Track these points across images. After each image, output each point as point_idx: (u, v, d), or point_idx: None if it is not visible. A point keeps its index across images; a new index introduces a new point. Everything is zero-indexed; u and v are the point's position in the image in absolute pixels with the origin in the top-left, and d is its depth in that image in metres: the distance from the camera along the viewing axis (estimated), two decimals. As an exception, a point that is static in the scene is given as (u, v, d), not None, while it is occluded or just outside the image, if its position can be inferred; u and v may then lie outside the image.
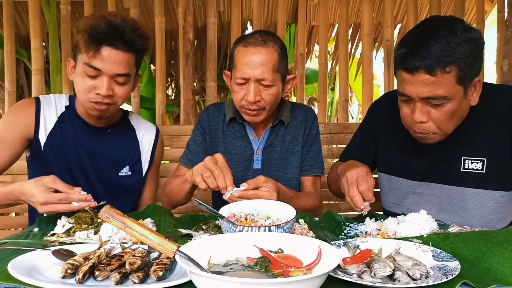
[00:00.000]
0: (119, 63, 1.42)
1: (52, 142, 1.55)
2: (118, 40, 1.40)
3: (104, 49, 1.39)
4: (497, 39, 2.87)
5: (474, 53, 1.25)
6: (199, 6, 3.73)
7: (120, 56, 1.41)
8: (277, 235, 0.88)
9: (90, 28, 1.38)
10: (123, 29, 1.41)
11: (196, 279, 0.67)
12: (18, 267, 0.83)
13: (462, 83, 1.27)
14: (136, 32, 1.43)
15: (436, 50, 1.23)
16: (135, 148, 1.69)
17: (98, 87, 1.42)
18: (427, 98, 1.28)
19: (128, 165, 1.66)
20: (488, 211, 1.39)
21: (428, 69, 1.24)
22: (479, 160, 1.39)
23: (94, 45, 1.38)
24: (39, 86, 2.76)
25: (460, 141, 1.42)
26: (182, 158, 1.71)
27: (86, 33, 1.38)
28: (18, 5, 3.58)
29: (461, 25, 1.26)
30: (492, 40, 3.01)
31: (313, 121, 1.71)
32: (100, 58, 1.39)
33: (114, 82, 1.45)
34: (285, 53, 1.55)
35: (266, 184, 1.24)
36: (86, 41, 1.38)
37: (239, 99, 1.52)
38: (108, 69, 1.40)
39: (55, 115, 1.57)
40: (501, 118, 1.38)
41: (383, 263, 0.82)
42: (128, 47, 1.43)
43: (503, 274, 0.85)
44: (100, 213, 0.85)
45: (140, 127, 1.73)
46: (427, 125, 1.34)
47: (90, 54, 1.38)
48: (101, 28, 1.38)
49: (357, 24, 4.01)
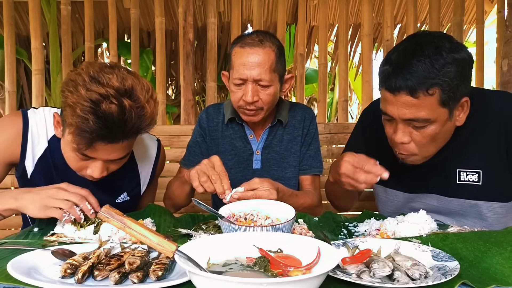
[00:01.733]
0: (116, 151, 1.21)
1: (40, 170, 1.36)
2: (116, 135, 1.15)
3: (98, 144, 1.16)
4: (497, 39, 2.87)
5: (460, 75, 1.19)
6: (199, 6, 3.74)
7: (117, 147, 1.19)
8: (276, 235, 0.88)
9: (79, 128, 1.11)
10: (124, 124, 1.13)
11: (195, 279, 0.67)
12: (18, 267, 0.82)
13: (446, 106, 1.21)
14: (140, 120, 1.16)
15: (419, 71, 1.17)
16: (133, 172, 1.54)
17: (92, 170, 1.23)
18: (409, 120, 1.24)
19: (126, 191, 1.52)
20: (489, 222, 1.36)
21: (410, 90, 1.18)
22: (475, 172, 1.35)
23: (85, 143, 1.14)
24: (39, 86, 2.77)
25: (454, 153, 1.37)
26: (183, 160, 1.71)
27: (76, 130, 1.12)
28: (18, 5, 3.59)
29: (448, 43, 1.20)
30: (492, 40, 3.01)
31: (311, 120, 1.70)
32: (93, 151, 1.18)
33: (109, 163, 1.26)
34: (282, 53, 1.55)
35: (262, 185, 1.23)
36: (75, 136, 1.14)
37: (237, 99, 1.52)
38: (103, 157, 1.21)
39: (45, 139, 1.36)
40: (496, 127, 1.33)
41: (382, 263, 0.82)
42: (129, 137, 1.20)
43: (502, 274, 0.85)
44: (100, 213, 0.85)
45: (139, 149, 1.55)
46: (408, 146, 1.29)
47: (81, 149, 1.17)
48: (93, 130, 1.11)
49: (357, 24, 4.01)
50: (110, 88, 1.11)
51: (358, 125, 1.72)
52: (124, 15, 3.65)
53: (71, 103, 1.11)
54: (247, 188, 1.22)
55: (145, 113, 1.17)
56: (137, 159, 1.55)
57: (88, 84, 1.12)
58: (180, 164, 1.73)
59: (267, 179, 1.27)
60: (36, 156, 1.36)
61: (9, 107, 2.81)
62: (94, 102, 1.10)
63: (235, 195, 1.19)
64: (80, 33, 4.06)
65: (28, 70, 3.98)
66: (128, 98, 1.13)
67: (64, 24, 2.83)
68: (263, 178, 1.27)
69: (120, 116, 1.11)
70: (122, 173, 1.41)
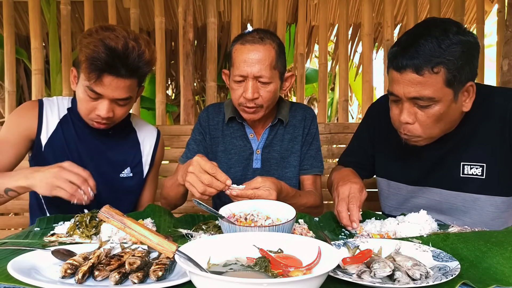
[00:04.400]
0: (121, 89, 1.41)
1: (53, 143, 1.56)
2: (120, 68, 1.37)
3: (106, 77, 1.37)
4: (497, 39, 2.87)
5: (465, 56, 1.22)
6: (199, 6, 3.74)
7: (121, 83, 1.40)
8: (276, 235, 0.88)
9: (91, 57, 1.34)
10: (126, 57, 1.37)
11: (195, 279, 0.67)
12: (18, 267, 0.82)
13: (451, 86, 1.23)
14: (140, 58, 1.40)
15: (426, 50, 1.21)
16: (136, 149, 1.70)
17: (99, 109, 1.43)
18: (414, 99, 1.26)
19: (129, 167, 1.66)
20: (489, 217, 1.37)
21: (416, 68, 1.22)
22: (479, 165, 1.37)
23: (95, 73, 1.36)
24: (39, 86, 2.76)
25: (459, 146, 1.39)
26: (182, 157, 1.71)
27: (88, 61, 1.35)
28: (18, 5, 3.59)
29: (455, 27, 1.23)
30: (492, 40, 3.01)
31: (312, 120, 1.71)
32: (101, 85, 1.38)
33: (115, 104, 1.45)
34: (282, 51, 1.55)
35: (264, 184, 1.23)
36: (87, 68, 1.36)
37: (237, 96, 1.52)
38: (109, 94, 1.40)
39: (57, 117, 1.59)
40: (500, 122, 1.35)
41: (383, 263, 0.82)
42: (131, 74, 1.41)
43: (503, 274, 0.85)
44: (100, 213, 0.85)
45: (141, 129, 1.73)
46: (413, 126, 1.31)
47: (91, 81, 1.37)
48: (102, 58, 1.34)
49: (357, 24, 4.01)
50: (118, 33, 1.38)
51: (363, 120, 1.75)
52: (124, 15, 3.64)
53: (85, 43, 1.36)
54: (248, 187, 1.22)
55: (144, 55, 1.41)
56: (139, 137, 1.72)
57: (99, 30, 1.39)
58: (179, 161, 1.73)
59: (270, 178, 1.27)
60: (49, 131, 1.57)
61: (9, 107, 2.81)
62: (104, 39, 1.35)
63: (234, 192, 1.19)
64: (80, 33, 4.05)
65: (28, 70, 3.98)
66: (132, 40, 1.39)
67: (64, 24, 2.83)
68: (267, 177, 1.27)
69: (124, 50, 1.36)
70: (125, 149, 1.66)
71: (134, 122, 1.73)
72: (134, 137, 1.71)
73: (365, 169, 1.68)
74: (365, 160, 1.68)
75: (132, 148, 1.69)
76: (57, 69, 3.25)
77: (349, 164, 1.69)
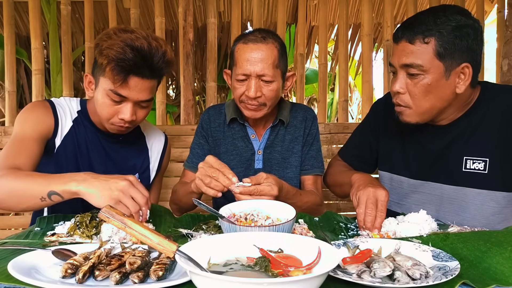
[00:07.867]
0: (145, 90, 1.41)
1: (66, 145, 1.53)
2: (146, 69, 1.37)
3: (132, 79, 1.36)
4: (497, 39, 2.87)
5: (459, 32, 1.27)
6: (199, 6, 3.74)
7: (146, 84, 1.40)
8: (277, 235, 0.88)
9: (118, 58, 1.32)
10: (151, 58, 1.37)
11: (196, 279, 0.67)
12: (18, 267, 0.83)
13: (442, 59, 1.29)
14: (164, 59, 1.40)
15: (421, 22, 1.30)
16: (145, 155, 1.69)
17: (123, 113, 1.41)
18: (405, 66, 1.32)
19: (138, 173, 1.65)
20: (490, 212, 1.38)
21: (409, 38, 1.31)
22: (481, 160, 1.38)
23: (121, 75, 1.34)
24: (39, 86, 2.76)
25: (462, 140, 1.41)
26: (187, 162, 1.72)
27: (114, 63, 1.33)
28: (18, 5, 3.59)
29: (458, 9, 1.32)
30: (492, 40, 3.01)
31: (313, 121, 1.71)
32: (126, 87, 1.37)
33: (137, 106, 1.44)
34: (284, 50, 1.56)
35: (267, 180, 1.25)
36: (113, 70, 1.34)
37: (239, 94, 1.53)
38: (134, 96, 1.39)
39: (70, 119, 1.56)
40: (504, 118, 1.36)
41: (383, 263, 0.82)
42: (154, 74, 1.41)
43: (502, 274, 0.85)
44: (100, 213, 0.85)
45: (150, 135, 1.73)
46: (404, 96, 1.37)
47: (117, 84, 1.36)
48: (129, 59, 1.33)
49: (357, 24, 4.01)
50: (138, 34, 1.37)
51: (367, 116, 1.77)
52: (124, 15, 3.64)
53: (107, 46, 1.33)
54: (253, 182, 1.23)
55: (167, 55, 1.41)
56: (147, 142, 1.71)
57: (118, 32, 1.37)
58: (184, 166, 1.74)
59: (272, 176, 1.28)
60: (63, 133, 1.54)
61: (9, 107, 2.81)
62: (126, 40, 1.34)
63: (237, 189, 1.20)
64: (80, 33, 4.07)
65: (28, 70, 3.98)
66: (154, 40, 1.38)
67: (64, 24, 2.83)
68: (270, 174, 1.28)
69: (149, 51, 1.36)
70: (134, 154, 1.66)
71: (143, 126, 1.72)
72: (143, 142, 1.71)
73: (367, 163, 1.71)
74: (368, 153, 1.70)
75: (141, 154, 1.69)
76: (57, 69, 3.25)
77: (351, 158, 1.72)
